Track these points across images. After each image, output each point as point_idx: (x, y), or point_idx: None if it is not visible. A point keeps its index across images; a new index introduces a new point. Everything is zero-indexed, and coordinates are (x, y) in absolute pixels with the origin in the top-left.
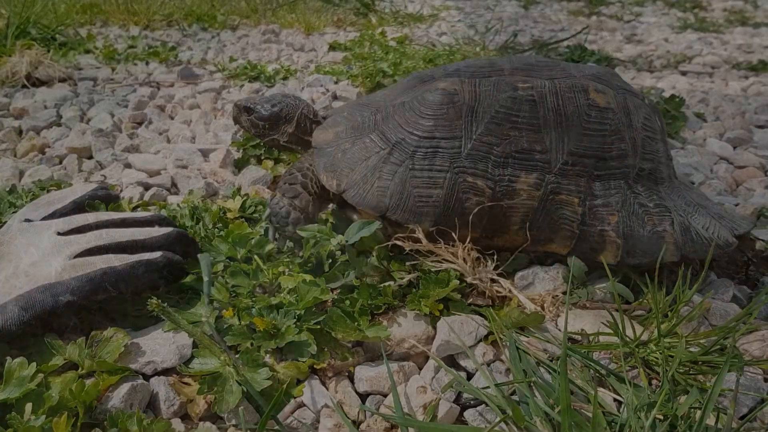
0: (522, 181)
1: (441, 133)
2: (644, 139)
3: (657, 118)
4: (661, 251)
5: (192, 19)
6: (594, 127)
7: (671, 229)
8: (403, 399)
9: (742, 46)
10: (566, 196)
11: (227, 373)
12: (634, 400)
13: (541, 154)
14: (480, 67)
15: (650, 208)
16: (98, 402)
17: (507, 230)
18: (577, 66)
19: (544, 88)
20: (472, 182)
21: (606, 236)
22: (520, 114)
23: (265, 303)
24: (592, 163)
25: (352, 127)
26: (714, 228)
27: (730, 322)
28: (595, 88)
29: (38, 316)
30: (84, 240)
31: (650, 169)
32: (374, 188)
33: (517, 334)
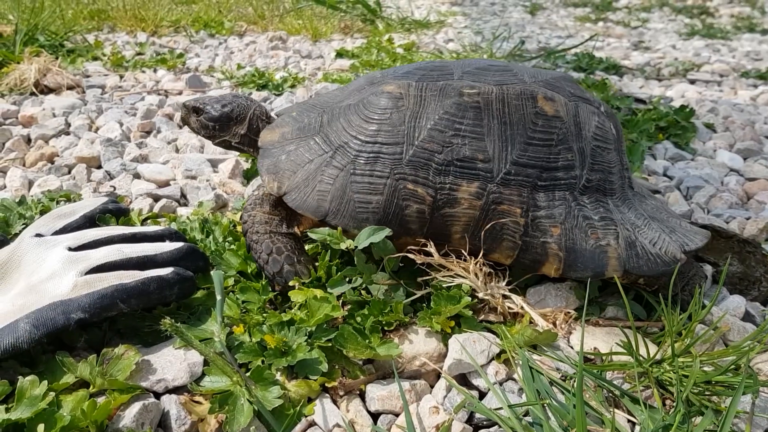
0: (463, 190)
1: (383, 138)
2: (594, 150)
3: (612, 126)
4: (603, 266)
5: (199, 26)
6: (540, 136)
7: (615, 244)
8: (416, 419)
9: (750, 53)
10: (508, 206)
11: (238, 392)
12: (649, 423)
13: (483, 163)
14: (430, 71)
15: (595, 221)
16: (110, 421)
17: (449, 239)
18: (533, 70)
19: (491, 95)
20: (412, 189)
21: (548, 248)
22: (464, 121)
23: (276, 319)
24: (536, 173)
25: (298, 129)
26: (662, 243)
27: (744, 341)
28: (545, 96)
29: (50, 333)
30: (95, 256)
31: (599, 180)
32: (315, 192)
33: (530, 352)
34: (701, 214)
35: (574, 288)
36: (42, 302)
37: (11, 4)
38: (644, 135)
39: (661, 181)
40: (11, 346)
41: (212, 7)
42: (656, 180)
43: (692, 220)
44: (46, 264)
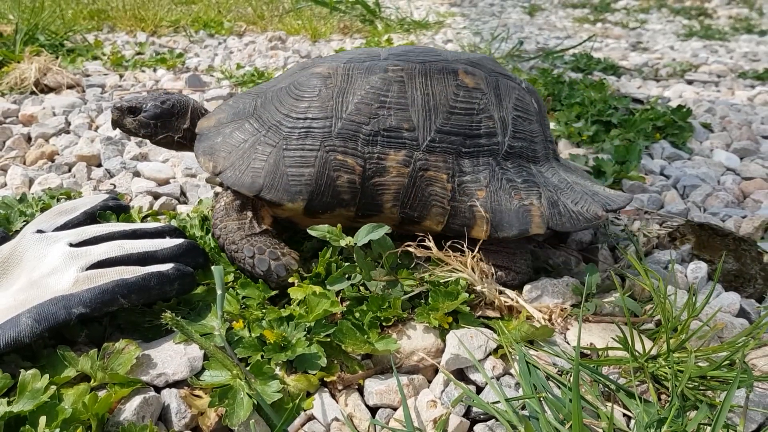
0: (391, 158)
1: (313, 113)
2: (515, 119)
3: (534, 100)
4: (527, 224)
5: (199, 26)
6: (461, 106)
7: (538, 203)
8: (413, 413)
9: (748, 54)
10: (435, 172)
11: (238, 386)
12: (644, 416)
13: (409, 132)
14: (359, 54)
15: (518, 183)
16: (110, 414)
17: (381, 208)
18: (456, 53)
19: (414, 70)
20: (342, 160)
21: (475, 211)
22: (389, 94)
23: (276, 315)
24: (459, 140)
25: (233, 113)
26: (584, 203)
27: (738, 337)
28: (465, 70)
29: (51, 328)
30: (96, 252)
31: (522, 147)
32: (249, 169)
33: (527, 347)
34: (698, 212)
35: (570, 284)
36: (43, 297)
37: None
38: (641, 135)
39: (658, 180)
40: (13, 340)
41: (212, 8)
42: (653, 179)
43: (689, 218)
44: (48, 260)
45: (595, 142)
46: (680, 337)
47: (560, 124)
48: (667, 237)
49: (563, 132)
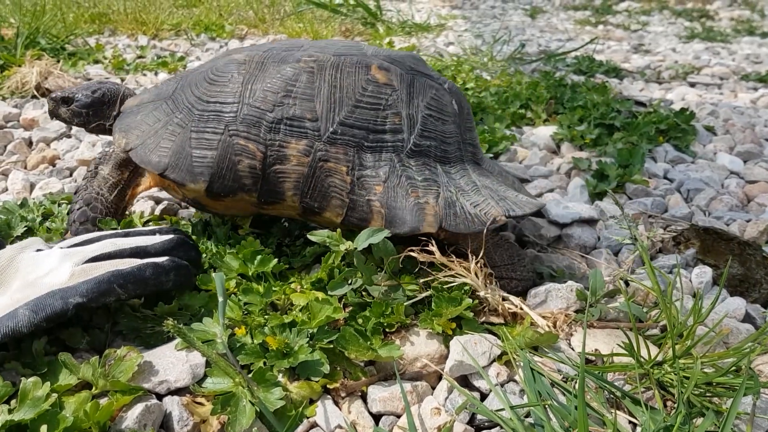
0: (292, 147)
1: (222, 98)
2: (425, 118)
3: (455, 101)
4: (420, 222)
5: (200, 29)
6: (368, 100)
7: (434, 202)
8: (417, 420)
9: (750, 56)
10: (334, 164)
11: (240, 393)
12: (650, 423)
13: (311, 122)
14: (283, 44)
15: (418, 181)
16: (112, 422)
17: (283, 196)
18: (382, 50)
19: (327, 62)
20: (244, 145)
21: (372, 206)
22: (296, 84)
23: (278, 321)
24: (362, 134)
25: (155, 95)
26: (485, 206)
27: (744, 342)
28: (379, 66)
29: (49, 318)
30: (89, 250)
31: (430, 146)
32: (158, 148)
33: (531, 354)
34: (702, 216)
35: (575, 289)
36: (40, 293)
37: (13, 8)
38: (644, 138)
39: (662, 184)
40: (11, 331)
41: (213, 11)
42: (657, 183)
43: (693, 222)
44: (44, 264)
45: (598, 145)
46: (686, 343)
47: (563, 127)
48: (672, 241)
49: (566, 135)
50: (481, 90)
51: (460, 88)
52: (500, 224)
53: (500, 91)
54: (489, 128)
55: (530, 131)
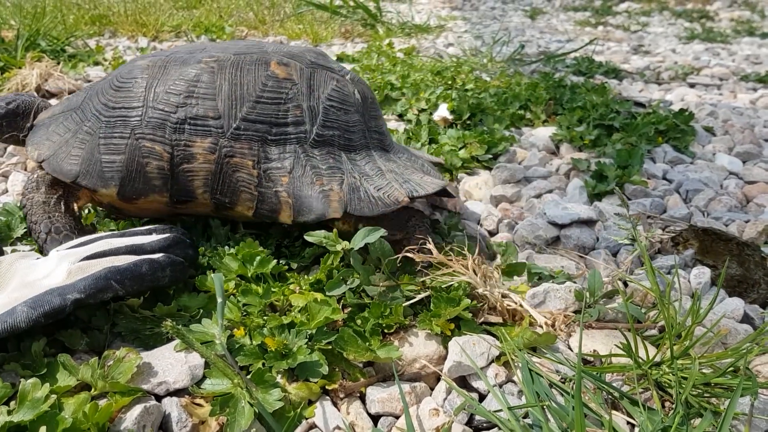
0: (198, 145)
1: (127, 103)
2: (327, 109)
3: (357, 92)
4: (325, 208)
5: (200, 31)
6: (269, 95)
7: (338, 189)
8: (416, 421)
9: (750, 56)
10: (240, 159)
11: (239, 394)
12: (648, 424)
13: (214, 120)
14: (186, 47)
15: (323, 170)
16: (111, 423)
17: (194, 194)
18: (284, 47)
19: (227, 62)
20: (150, 147)
21: (280, 197)
22: (198, 84)
23: (277, 322)
24: (265, 128)
25: (66, 106)
26: (389, 189)
27: (743, 343)
28: (279, 62)
29: (47, 314)
30: (85, 250)
31: (333, 135)
32: (69, 157)
33: (529, 354)
34: (700, 217)
35: (573, 290)
36: (38, 292)
37: (13, 10)
38: (643, 138)
39: (661, 185)
40: (10, 327)
41: (213, 12)
42: (655, 183)
43: (692, 222)
44: (42, 268)
45: (597, 146)
46: (684, 343)
47: (562, 128)
48: (670, 242)
49: (565, 136)
50: (481, 91)
51: (460, 89)
52: (404, 204)
53: (499, 92)
54: (488, 129)
55: (529, 132)
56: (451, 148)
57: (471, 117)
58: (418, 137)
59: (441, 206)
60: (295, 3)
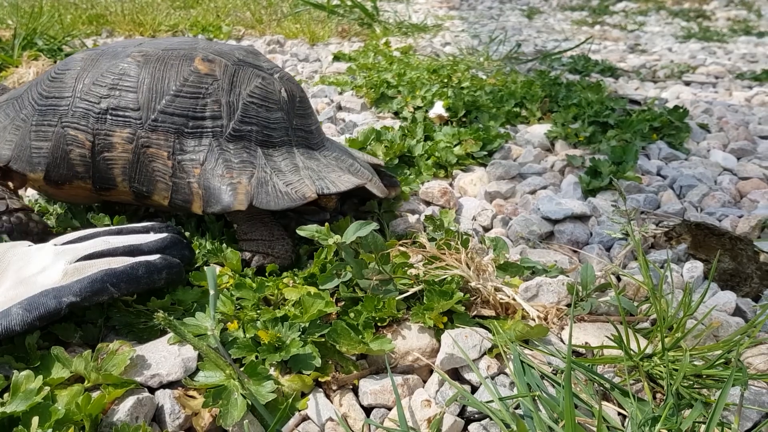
0: (117, 135)
1: (59, 93)
2: (247, 105)
3: (284, 91)
4: (231, 201)
5: (197, 30)
6: (188, 90)
7: (246, 182)
8: (408, 412)
9: (746, 55)
10: (156, 149)
11: (232, 386)
12: (638, 414)
13: (134, 112)
14: (123, 42)
15: (235, 163)
16: (104, 415)
17: (114, 182)
18: (214, 43)
19: (153, 56)
20: (74, 135)
21: (192, 188)
22: (122, 77)
23: (270, 315)
24: (182, 121)
25: (9, 96)
26: (299, 186)
27: (734, 335)
28: (204, 58)
29: (42, 317)
30: (82, 248)
31: (251, 131)
32: (4, 142)
33: (521, 347)
34: (694, 212)
35: (566, 284)
36: (33, 291)
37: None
38: (638, 135)
39: (655, 181)
40: (5, 329)
41: (210, 12)
42: (650, 179)
43: (685, 218)
44: (35, 261)
45: (592, 143)
46: (675, 335)
47: (557, 125)
48: (664, 237)
49: (560, 133)
50: (477, 89)
51: (455, 87)
52: (311, 200)
53: (495, 90)
54: (483, 126)
55: (525, 129)
56: (447, 144)
57: (466, 114)
58: (413, 134)
59: (372, 197)
60: (292, 2)
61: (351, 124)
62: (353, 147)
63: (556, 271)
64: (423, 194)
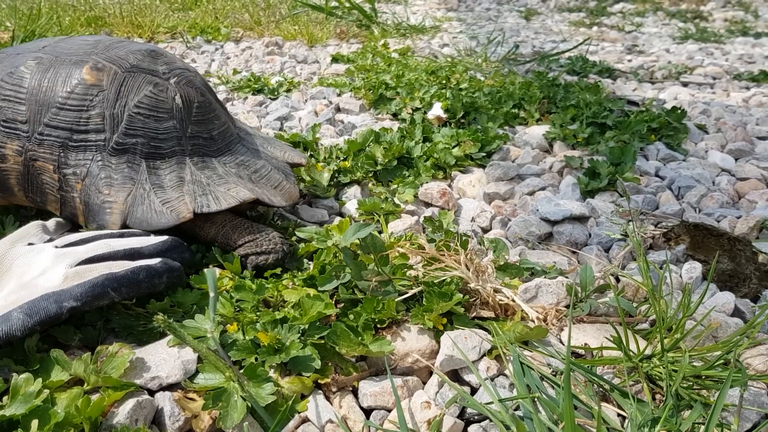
0: (8, 147)
1: None
2: (133, 116)
3: (179, 97)
4: (107, 219)
5: (196, 32)
6: (73, 102)
7: (122, 200)
8: (407, 414)
9: (743, 56)
10: (43, 163)
11: (232, 389)
12: (637, 415)
13: (22, 124)
14: (25, 47)
15: (114, 179)
16: (103, 418)
17: (13, 191)
18: (115, 46)
19: (46, 63)
20: None
21: (75, 203)
22: (13, 88)
23: (270, 317)
24: (66, 134)
25: None
26: (176, 203)
27: (733, 336)
28: (94, 66)
29: (43, 321)
30: (82, 250)
31: (136, 143)
32: None
33: (521, 348)
34: (693, 213)
35: (565, 285)
36: (34, 295)
37: (8, 11)
38: (636, 136)
39: (653, 182)
40: (5, 334)
41: (209, 14)
42: (648, 180)
43: (683, 219)
44: (36, 264)
45: (590, 144)
46: (675, 336)
47: (555, 126)
48: (662, 238)
49: (558, 134)
50: (475, 90)
51: (454, 88)
52: (186, 220)
53: (493, 91)
54: (482, 127)
55: (523, 130)
56: (445, 146)
57: (465, 116)
58: (412, 136)
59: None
60: (290, 4)
61: (350, 126)
62: (352, 149)
63: (555, 272)
64: (422, 195)
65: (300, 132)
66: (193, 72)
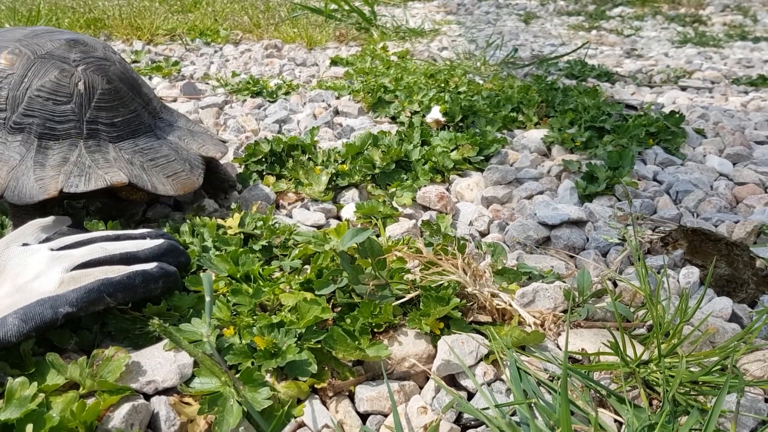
0: None
1: None
2: (33, 98)
3: (82, 83)
4: None
5: (195, 34)
6: None
7: (4, 174)
8: (404, 419)
9: (742, 60)
10: None
11: (228, 393)
12: (634, 421)
13: None
14: None
15: (5, 154)
16: (99, 422)
17: None
18: (44, 35)
19: None
20: None
21: None
22: None
23: (266, 321)
24: None
25: None
26: (48, 181)
27: (730, 341)
28: (11, 51)
29: (38, 327)
30: (78, 254)
31: (32, 123)
32: None
33: (518, 353)
34: (690, 217)
35: (563, 290)
36: (29, 300)
37: (8, 13)
38: (634, 140)
39: (651, 186)
40: (0, 340)
41: (208, 16)
42: (646, 184)
43: (681, 223)
44: (31, 266)
45: (589, 148)
46: (672, 342)
47: (553, 130)
48: (660, 242)
49: (556, 138)
50: (473, 93)
51: (452, 92)
52: (52, 196)
53: (492, 95)
54: (480, 131)
55: (521, 134)
56: (443, 149)
57: (463, 119)
58: (410, 139)
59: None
60: (290, 7)
61: (348, 129)
62: (350, 152)
63: (552, 276)
64: (420, 199)
65: (298, 135)
66: (113, 62)
